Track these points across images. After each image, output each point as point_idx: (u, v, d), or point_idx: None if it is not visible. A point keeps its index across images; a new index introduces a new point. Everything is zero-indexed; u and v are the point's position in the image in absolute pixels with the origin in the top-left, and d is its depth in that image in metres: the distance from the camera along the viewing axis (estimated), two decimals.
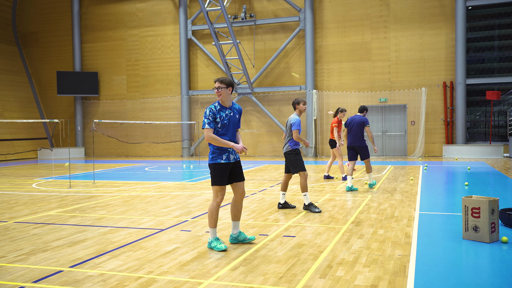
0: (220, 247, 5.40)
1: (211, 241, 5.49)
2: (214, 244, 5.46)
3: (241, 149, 5.31)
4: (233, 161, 5.50)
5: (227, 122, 5.39)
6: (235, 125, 5.52)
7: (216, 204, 5.47)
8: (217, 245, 5.43)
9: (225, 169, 5.41)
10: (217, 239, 5.49)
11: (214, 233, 5.52)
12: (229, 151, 5.44)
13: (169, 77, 24.62)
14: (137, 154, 25.00)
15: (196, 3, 23.69)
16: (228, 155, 5.43)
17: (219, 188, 5.44)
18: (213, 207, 5.47)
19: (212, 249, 5.46)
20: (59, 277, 4.53)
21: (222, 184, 5.43)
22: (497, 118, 21.34)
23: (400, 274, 4.48)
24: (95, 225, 6.97)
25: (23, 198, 9.89)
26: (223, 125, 5.38)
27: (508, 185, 10.81)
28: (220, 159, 5.40)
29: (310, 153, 21.86)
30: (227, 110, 5.43)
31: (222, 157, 5.40)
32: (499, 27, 20.77)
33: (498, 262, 4.99)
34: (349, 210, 7.85)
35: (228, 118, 5.41)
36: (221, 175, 5.41)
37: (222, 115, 5.37)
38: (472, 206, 5.63)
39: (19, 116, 24.77)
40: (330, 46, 22.08)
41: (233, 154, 5.48)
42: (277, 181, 12.09)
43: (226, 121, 5.38)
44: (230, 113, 5.45)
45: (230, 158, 5.45)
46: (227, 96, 5.42)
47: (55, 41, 26.72)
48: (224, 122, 5.37)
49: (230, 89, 5.43)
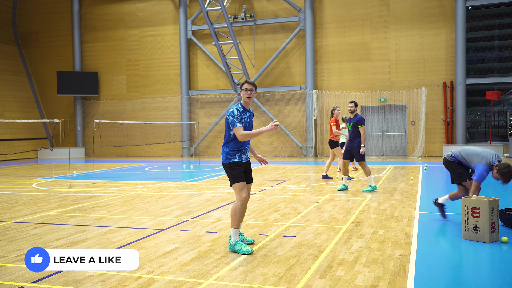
0: (246, 250, 5.21)
1: (235, 243, 5.30)
2: (238, 246, 5.27)
3: (272, 126, 5.28)
4: (245, 161, 5.51)
5: (247, 123, 5.49)
6: (251, 127, 5.62)
7: (240, 203, 5.33)
8: (242, 248, 5.24)
9: (241, 167, 5.42)
10: (241, 241, 5.34)
11: (237, 234, 5.36)
12: (241, 151, 5.46)
13: (169, 77, 24.62)
14: (137, 154, 25.00)
15: (196, 3, 23.69)
16: (241, 155, 5.46)
17: (241, 185, 5.36)
18: (237, 206, 5.33)
19: (236, 252, 5.27)
20: (59, 277, 4.54)
21: (243, 180, 5.38)
22: (497, 118, 21.34)
23: (400, 274, 4.48)
24: (95, 225, 6.97)
25: (23, 198, 9.89)
26: (245, 126, 5.44)
27: (508, 185, 10.79)
28: (234, 158, 5.40)
29: (310, 153, 21.86)
30: (248, 113, 5.52)
31: (236, 156, 5.42)
32: (499, 27, 20.76)
33: (498, 262, 4.99)
34: (349, 210, 7.85)
35: (248, 119, 5.52)
36: (240, 172, 5.39)
37: (244, 117, 5.45)
38: (472, 206, 5.63)
39: (19, 116, 24.76)
40: (330, 46, 22.08)
41: (244, 154, 5.51)
42: (277, 181, 12.09)
43: (247, 122, 5.48)
44: (249, 116, 5.55)
45: (243, 158, 5.47)
46: (253, 99, 5.57)
47: (55, 41, 26.71)
48: (245, 123, 5.45)
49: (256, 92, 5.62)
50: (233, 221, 5.33)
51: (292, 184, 11.42)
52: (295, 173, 14.18)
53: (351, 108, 10.02)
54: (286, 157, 22.12)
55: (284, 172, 14.68)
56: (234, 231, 5.34)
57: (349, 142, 10.10)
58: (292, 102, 22.67)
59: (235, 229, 5.33)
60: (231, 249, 5.33)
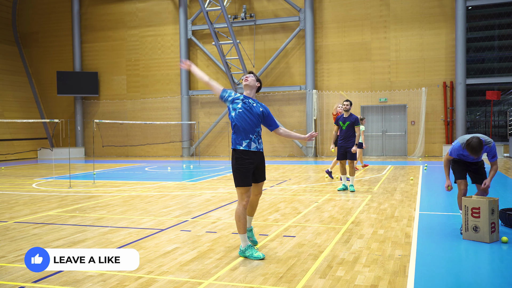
0: (258, 256, 4.99)
1: (245, 249, 5.08)
2: (249, 252, 5.04)
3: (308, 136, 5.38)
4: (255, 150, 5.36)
5: (248, 107, 5.30)
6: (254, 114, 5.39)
7: (242, 207, 5.13)
8: (253, 254, 5.01)
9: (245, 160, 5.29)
10: (252, 247, 5.09)
11: (245, 239, 5.13)
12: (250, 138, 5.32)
13: (169, 77, 24.62)
14: (137, 154, 25.00)
15: (196, 3, 23.69)
16: (249, 142, 5.33)
17: (244, 189, 5.17)
18: (239, 211, 5.11)
19: (247, 258, 5.05)
20: (59, 277, 4.54)
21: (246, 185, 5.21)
22: (497, 118, 21.34)
23: (400, 274, 4.48)
24: (95, 225, 6.97)
25: (23, 198, 9.89)
26: (244, 109, 5.28)
27: (508, 185, 10.82)
28: (240, 146, 5.29)
29: (310, 153, 21.86)
30: (250, 99, 5.36)
31: (243, 143, 5.27)
32: (499, 27, 20.76)
33: (498, 262, 4.99)
34: (349, 210, 7.85)
35: (250, 105, 5.32)
36: (245, 171, 5.19)
37: (246, 101, 5.31)
38: (472, 206, 5.63)
39: (19, 116, 24.76)
40: (330, 46, 22.08)
41: (255, 143, 5.35)
42: (277, 181, 12.09)
43: (247, 106, 5.30)
44: (252, 102, 5.31)
45: (251, 146, 5.32)
46: (251, 84, 5.37)
47: (55, 41, 26.71)
48: (245, 107, 5.29)
49: (258, 84, 5.42)
50: (238, 227, 5.08)
51: (292, 184, 11.43)
52: (295, 173, 14.18)
53: (346, 106, 9.94)
54: (286, 157, 22.12)
55: (284, 172, 14.69)
56: (241, 237, 5.11)
57: (343, 142, 9.91)
58: (292, 102, 22.68)
59: (242, 235, 5.10)
60: (241, 254, 5.10)
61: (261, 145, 5.30)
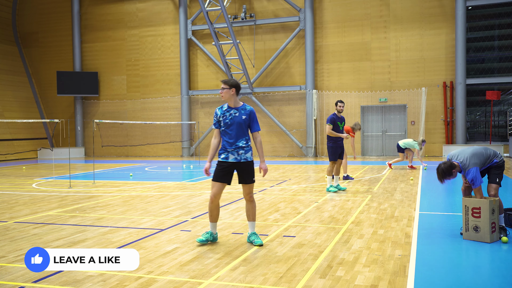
0: (200, 239, 5.68)
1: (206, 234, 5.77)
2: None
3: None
4: (233, 161, 5.68)
5: (228, 121, 5.58)
6: (236, 125, 5.58)
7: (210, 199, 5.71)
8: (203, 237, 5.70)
9: (222, 165, 5.67)
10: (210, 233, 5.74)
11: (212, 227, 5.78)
12: (227, 150, 5.63)
13: (169, 77, 24.62)
14: (137, 154, 25.00)
15: (196, 3, 23.69)
16: (228, 154, 5.65)
17: (212, 184, 5.72)
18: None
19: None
20: (59, 277, 4.53)
21: (216, 180, 5.67)
22: (497, 118, 21.34)
23: (400, 274, 4.48)
24: (95, 225, 6.96)
25: (23, 198, 9.89)
26: (226, 124, 5.59)
27: (508, 185, 10.81)
28: (219, 157, 5.71)
29: (310, 153, 21.86)
30: (232, 110, 5.62)
31: (221, 155, 5.68)
32: (499, 27, 20.76)
33: (498, 262, 4.99)
34: (349, 210, 7.85)
35: (231, 117, 5.59)
36: (218, 170, 5.66)
37: (227, 114, 5.60)
38: (472, 206, 5.63)
39: (19, 116, 24.76)
40: (330, 46, 22.08)
41: (233, 154, 5.65)
42: (277, 181, 12.09)
43: (228, 120, 5.58)
44: (234, 113, 5.60)
45: (230, 157, 5.66)
46: (229, 98, 5.64)
47: (55, 41, 26.71)
48: (226, 121, 5.58)
49: (233, 90, 5.61)
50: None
51: (292, 184, 11.42)
52: (295, 173, 14.18)
53: (342, 107, 10.19)
54: (286, 157, 22.12)
55: (284, 172, 14.68)
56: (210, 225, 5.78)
57: (342, 142, 10.19)
58: (292, 102, 22.68)
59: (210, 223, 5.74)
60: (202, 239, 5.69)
61: (244, 155, 5.60)
